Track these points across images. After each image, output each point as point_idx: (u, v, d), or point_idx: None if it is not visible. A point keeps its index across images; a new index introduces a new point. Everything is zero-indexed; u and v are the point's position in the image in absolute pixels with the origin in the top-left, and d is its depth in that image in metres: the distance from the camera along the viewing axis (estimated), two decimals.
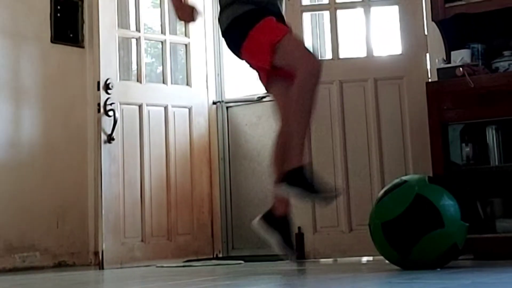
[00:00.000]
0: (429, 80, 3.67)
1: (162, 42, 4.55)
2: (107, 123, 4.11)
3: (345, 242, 3.79)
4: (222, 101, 4.72)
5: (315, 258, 3.82)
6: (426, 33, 3.81)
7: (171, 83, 4.53)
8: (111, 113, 4.11)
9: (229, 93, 4.76)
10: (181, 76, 4.77)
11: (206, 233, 4.56)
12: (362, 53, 3.96)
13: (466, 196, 3.11)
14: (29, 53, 4.50)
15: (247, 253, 4.36)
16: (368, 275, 2.91)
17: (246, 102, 4.65)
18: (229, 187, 4.63)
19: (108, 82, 4.13)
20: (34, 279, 3.62)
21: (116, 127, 4.11)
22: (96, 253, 4.44)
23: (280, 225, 2.94)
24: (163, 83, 4.50)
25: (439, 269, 2.66)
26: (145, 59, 4.46)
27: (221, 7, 3.06)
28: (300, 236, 3.82)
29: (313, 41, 4.43)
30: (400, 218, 2.69)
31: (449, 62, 3.42)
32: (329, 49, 4.19)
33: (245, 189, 4.55)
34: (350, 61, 3.95)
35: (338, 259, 3.82)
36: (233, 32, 2.98)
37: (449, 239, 2.70)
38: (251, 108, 4.59)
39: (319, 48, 4.47)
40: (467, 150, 3.36)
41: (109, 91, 4.13)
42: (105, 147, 4.10)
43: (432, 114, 3.33)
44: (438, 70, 3.45)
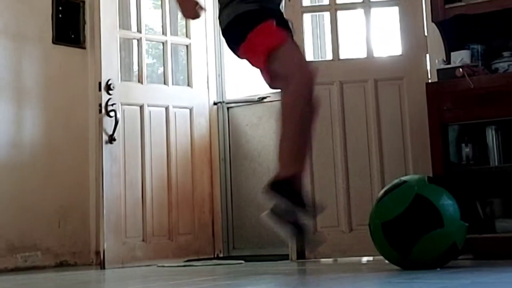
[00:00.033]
0: (429, 81, 3.67)
1: (163, 43, 4.55)
2: (108, 123, 4.11)
3: (345, 242, 3.79)
4: (223, 102, 4.72)
5: (315, 258, 3.81)
6: (426, 34, 3.80)
7: (172, 83, 4.52)
8: (112, 113, 4.11)
9: (230, 94, 4.76)
10: (182, 77, 4.77)
11: (207, 233, 4.56)
12: (363, 54, 3.96)
13: (466, 196, 3.12)
14: (31, 54, 4.51)
15: (247, 253, 4.36)
16: (368, 275, 2.92)
17: (247, 102, 4.65)
18: (230, 187, 4.63)
19: (109, 83, 4.12)
20: (35, 279, 3.63)
21: (117, 127, 4.11)
22: (97, 253, 4.44)
23: (286, 189, 2.75)
24: (164, 83, 4.50)
25: (438, 269, 2.66)
26: (146, 60, 4.46)
27: (221, 5, 3.07)
28: None
29: (313, 41, 4.44)
30: (400, 218, 2.70)
31: (449, 63, 3.42)
32: (329, 50, 4.19)
33: (246, 189, 4.56)
34: (351, 61, 3.94)
35: (338, 259, 3.81)
36: (233, 31, 2.96)
37: (448, 239, 2.71)
38: (251, 108, 4.60)
39: (319, 49, 4.49)
40: (466, 150, 3.36)
41: (110, 91, 4.12)
42: (106, 148, 4.10)
43: (432, 114, 3.33)
44: (438, 70, 3.45)
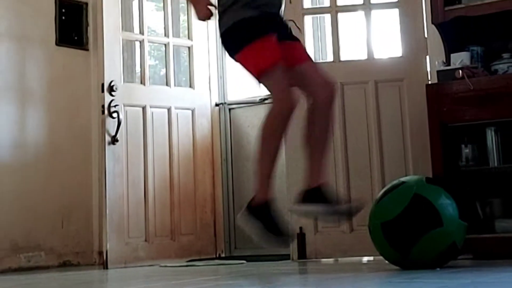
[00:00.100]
0: (429, 82, 3.67)
1: (165, 44, 4.55)
2: (111, 124, 4.12)
3: (346, 242, 3.80)
4: (225, 103, 4.73)
5: (316, 258, 3.83)
6: (426, 35, 3.80)
7: (174, 85, 4.53)
8: (115, 114, 4.12)
9: (231, 95, 4.77)
10: (184, 78, 4.78)
11: (209, 233, 4.57)
12: (363, 56, 3.96)
13: (466, 197, 3.12)
14: (34, 55, 4.51)
15: (249, 253, 4.35)
16: (368, 274, 2.92)
17: (249, 104, 4.67)
18: (231, 187, 4.64)
19: (112, 84, 4.13)
20: (39, 278, 3.64)
21: (120, 128, 4.12)
22: (100, 253, 4.44)
23: (261, 213, 2.82)
24: (167, 85, 4.51)
25: (438, 269, 2.66)
26: (148, 62, 4.47)
27: (220, 9, 3.08)
28: (301, 236, 3.84)
29: (314, 43, 4.44)
30: (399, 218, 2.70)
31: (448, 65, 3.42)
32: (330, 51, 4.20)
33: (247, 189, 4.55)
34: (351, 63, 3.95)
35: (339, 259, 3.82)
36: (230, 40, 3.00)
37: (448, 238, 2.71)
38: (253, 109, 4.60)
39: (320, 50, 4.50)
40: (466, 151, 3.36)
41: (113, 93, 4.13)
42: (109, 148, 4.10)
43: (432, 115, 3.33)
44: (438, 72, 3.45)
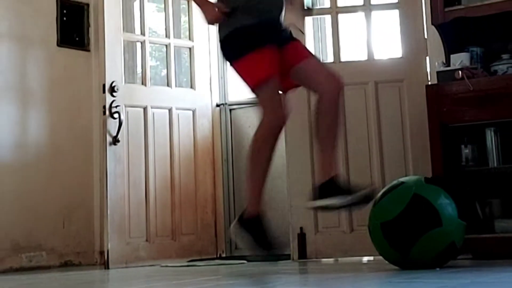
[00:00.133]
0: (429, 83, 3.68)
1: (166, 45, 4.57)
2: (112, 125, 4.12)
3: (346, 242, 3.81)
4: (226, 104, 4.74)
5: (317, 258, 3.84)
6: (426, 36, 3.82)
7: (175, 86, 4.54)
8: (116, 115, 4.13)
9: (232, 96, 4.78)
10: (185, 79, 4.79)
11: (209, 233, 4.58)
12: (363, 57, 3.98)
13: (465, 197, 3.13)
14: (35, 56, 4.52)
15: (250, 253, 4.37)
16: (368, 274, 2.93)
17: (249, 104, 4.64)
18: (232, 187, 4.64)
19: (113, 85, 4.14)
20: (40, 278, 3.65)
21: (121, 129, 4.13)
22: (101, 253, 4.46)
23: (252, 226, 2.91)
24: (168, 86, 4.52)
25: (438, 269, 2.67)
26: (149, 62, 4.47)
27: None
28: (302, 236, 3.85)
29: (315, 44, 4.45)
30: (399, 218, 2.71)
31: (448, 65, 3.43)
32: (330, 52, 4.21)
33: None
34: (351, 64, 3.95)
35: (340, 259, 3.83)
36: (227, 48, 3.01)
37: (447, 238, 2.72)
38: (254, 110, 4.59)
39: (321, 51, 4.51)
40: (466, 151, 3.37)
41: (114, 93, 4.14)
42: (110, 149, 4.11)
43: (432, 116, 3.34)
44: (438, 73, 3.46)
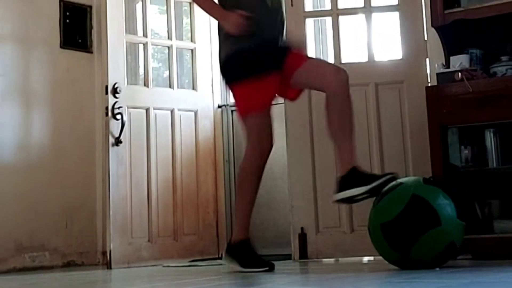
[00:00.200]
0: (429, 85, 3.67)
1: (168, 47, 4.58)
2: (115, 126, 4.14)
3: (347, 242, 3.81)
4: (227, 105, 4.76)
5: (317, 258, 3.84)
6: (426, 38, 3.82)
7: (178, 87, 4.56)
8: (118, 116, 4.14)
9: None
10: (187, 81, 4.81)
11: (211, 233, 4.60)
12: (364, 58, 3.98)
13: (465, 197, 3.14)
14: (38, 58, 4.54)
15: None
16: (369, 274, 2.91)
17: None
18: (233, 188, 4.64)
19: (116, 86, 4.16)
20: (43, 278, 3.65)
21: (123, 130, 4.14)
22: (104, 253, 4.48)
23: (237, 251, 3.10)
24: (170, 87, 4.54)
25: (438, 269, 2.66)
26: (152, 64, 4.49)
27: (220, 40, 3.16)
28: (303, 237, 3.86)
29: (315, 46, 4.47)
30: (398, 218, 2.70)
31: (448, 67, 3.43)
32: (331, 54, 4.21)
33: None
34: (352, 65, 3.90)
35: (340, 259, 3.83)
36: (226, 71, 3.11)
37: (446, 237, 2.71)
38: None
39: (321, 53, 4.53)
40: (466, 152, 3.37)
41: (117, 95, 4.16)
42: (113, 150, 4.13)
43: (432, 117, 3.34)
44: (438, 74, 3.46)
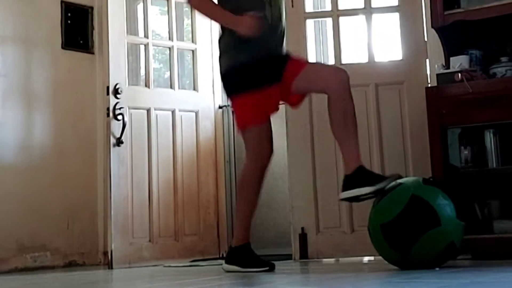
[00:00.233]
0: (429, 85, 3.68)
1: (169, 48, 4.59)
2: (116, 126, 4.15)
3: (347, 242, 3.82)
4: (228, 105, 4.74)
5: (318, 258, 3.85)
6: (426, 39, 3.82)
7: (178, 88, 4.57)
8: (120, 117, 4.15)
9: None
10: (188, 81, 4.82)
11: (212, 233, 4.61)
12: (364, 59, 3.98)
13: (465, 198, 3.14)
14: (40, 59, 4.56)
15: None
16: (369, 274, 2.92)
17: None
18: (234, 188, 4.65)
19: (117, 87, 4.17)
20: (45, 278, 3.67)
21: (124, 130, 4.15)
22: (105, 253, 4.48)
23: (237, 254, 3.13)
24: (171, 88, 4.55)
25: (438, 269, 2.66)
26: (153, 65, 4.50)
27: (220, 51, 3.18)
28: (303, 237, 3.87)
29: (316, 47, 4.47)
30: (398, 219, 2.71)
31: (448, 68, 3.43)
32: (331, 55, 4.21)
33: None
34: (352, 66, 3.89)
35: (340, 259, 3.83)
36: (226, 84, 3.15)
37: (446, 237, 2.72)
38: None
39: (322, 54, 4.54)
40: (465, 153, 3.37)
41: (118, 95, 4.17)
42: (114, 150, 4.14)
43: (432, 118, 3.34)
44: (438, 75, 3.46)
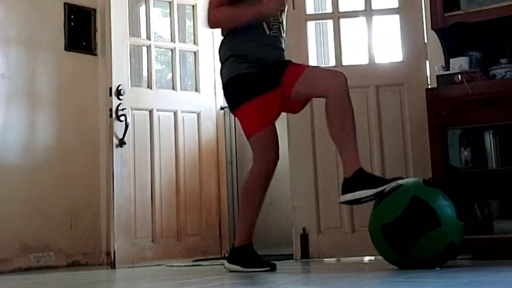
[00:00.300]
0: (429, 87, 3.69)
1: (171, 49, 4.61)
2: (118, 127, 4.16)
3: (348, 242, 3.83)
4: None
5: (319, 258, 3.86)
6: (426, 41, 3.83)
7: (180, 89, 4.58)
8: (122, 118, 4.17)
9: None
10: (190, 83, 4.83)
11: (214, 233, 4.62)
12: (364, 61, 3.99)
13: (465, 198, 3.15)
14: (43, 60, 4.57)
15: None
16: (370, 274, 2.93)
17: None
18: (236, 189, 4.67)
19: (119, 88, 4.19)
20: (48, 278, 3.67)
21: (127, 131, 4.17)
22: (108, 253, 4.51)
23: (239, 255, 3.16)
24: (173, 89, 4.56)
25: (438, 269, 2.67)
26: (155, 66, 4.51)
27: (220, 61, 3.21)
28: (305, 237, 3.88)
29: (317, 49, 4.47)
30: (399, 220, 2.72)
31: (448, 69, 3.44)
32: (332, 56, 4.22)
33: None
34: (353, 68, 3.93)
35: (341, 259, 3.84)
36: (226, 95, 3.18)
37: (446, 238, 2.73)
38: None
39: (323, 55, 4.55)
40: (465, 154, 3.38)
41: (120, 97, 4.19)
42: (116, 151, 4.15)
43: (432, 119, 3.35)
44: (438, 77, 3.47)
